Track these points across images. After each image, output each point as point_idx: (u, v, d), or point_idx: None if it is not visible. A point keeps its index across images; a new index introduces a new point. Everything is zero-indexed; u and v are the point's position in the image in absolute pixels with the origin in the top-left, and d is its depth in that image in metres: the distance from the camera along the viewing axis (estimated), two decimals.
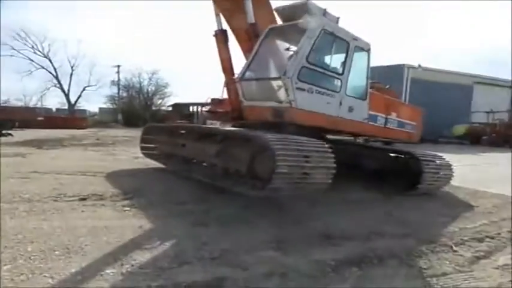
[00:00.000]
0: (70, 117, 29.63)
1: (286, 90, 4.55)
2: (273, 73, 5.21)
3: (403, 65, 23.55)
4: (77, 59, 47.37)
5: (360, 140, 6.90)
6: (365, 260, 2.59)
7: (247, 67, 5.35)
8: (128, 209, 3.79)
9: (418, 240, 3.15)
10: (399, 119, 6.38)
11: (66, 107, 41.27)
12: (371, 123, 5.72)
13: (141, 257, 2.54)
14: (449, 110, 21.93)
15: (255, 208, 3.98)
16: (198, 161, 5.53)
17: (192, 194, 4.59)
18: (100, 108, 45.29)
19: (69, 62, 40.74)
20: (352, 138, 6.66)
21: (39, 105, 39.58)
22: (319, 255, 2.68)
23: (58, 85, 40.31)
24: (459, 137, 22.38)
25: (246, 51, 5.65)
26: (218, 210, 3.86)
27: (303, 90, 4.64)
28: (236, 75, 5.58)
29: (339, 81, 5.11)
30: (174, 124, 6.51)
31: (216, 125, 7.61)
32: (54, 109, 42.99)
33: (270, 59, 5.48)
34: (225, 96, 6.31)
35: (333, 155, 3.83)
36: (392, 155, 5.76)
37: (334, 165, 3.79)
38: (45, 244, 2.69)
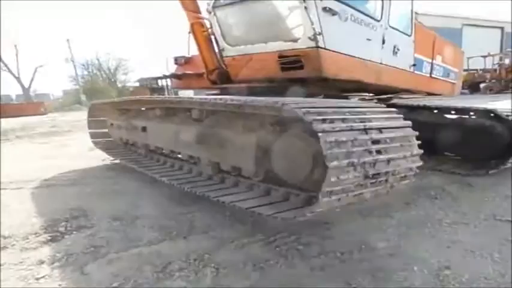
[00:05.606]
0: (24, 104, 26.17)
1: (306, 10, 2.56)
2: None
3: None
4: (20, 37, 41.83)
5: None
6: None
7: None
8: (45, 270, 1.96)
9: None
10: (444, 65, 4.62)
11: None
12: (417, 72, 3.94)
13: None
14: None
15: (269, 234, 2.25)
16: (170, 152, 3.67)
17: (164, 215, 2.75)
18: (64, 91, 41.03)
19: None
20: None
21: None
22: None
23: (5, 68, 35.58)
24: None
25: None
26: (213, 253, 2.09)
27: (333, 14, 2.68)
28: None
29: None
30: (126, 99, 4.26)
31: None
32: (14, 96, 38.68)
33: None
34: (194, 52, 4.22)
35: (413, 131, 2.10)
36: (449, 116, 3.95)
37: (420, 151, 2.07)
38: None
